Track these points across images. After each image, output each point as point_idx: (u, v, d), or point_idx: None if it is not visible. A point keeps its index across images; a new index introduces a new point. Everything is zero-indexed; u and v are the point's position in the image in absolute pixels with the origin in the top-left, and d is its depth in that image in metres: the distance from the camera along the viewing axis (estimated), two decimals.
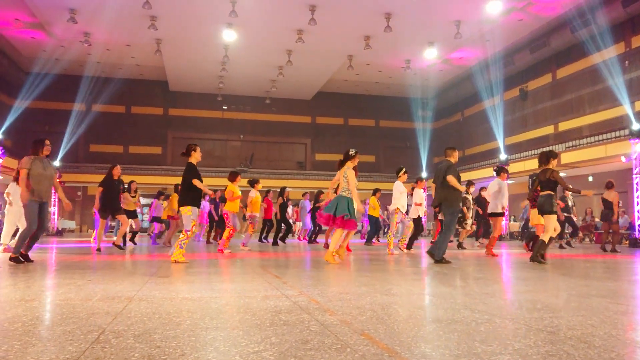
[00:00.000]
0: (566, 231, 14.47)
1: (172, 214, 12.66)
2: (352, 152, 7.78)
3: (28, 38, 22.27)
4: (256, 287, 4.41)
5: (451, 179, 7.46)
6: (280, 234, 14.22)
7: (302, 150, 33.21)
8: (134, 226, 12.31)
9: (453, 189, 7.53)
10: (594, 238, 18.31)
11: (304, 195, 16.19)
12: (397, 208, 9.83)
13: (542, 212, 7.56)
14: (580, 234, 18.68)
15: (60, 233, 23.82)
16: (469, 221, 12.86)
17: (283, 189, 13.95)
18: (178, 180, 9.97)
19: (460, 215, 12.81)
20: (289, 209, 15.64)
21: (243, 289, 4.27)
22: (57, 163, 25.77)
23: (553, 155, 7.85)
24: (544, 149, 10.34)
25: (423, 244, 14.56)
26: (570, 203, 13.57)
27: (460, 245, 12.27)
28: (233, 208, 10.25)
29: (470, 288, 4.50)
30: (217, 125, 31.53)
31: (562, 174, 21.03)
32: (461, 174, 8.05)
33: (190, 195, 7.15)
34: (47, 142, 7.06)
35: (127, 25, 20.41)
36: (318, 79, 28.11)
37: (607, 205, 11.89)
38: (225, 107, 31.57)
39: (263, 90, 29.75)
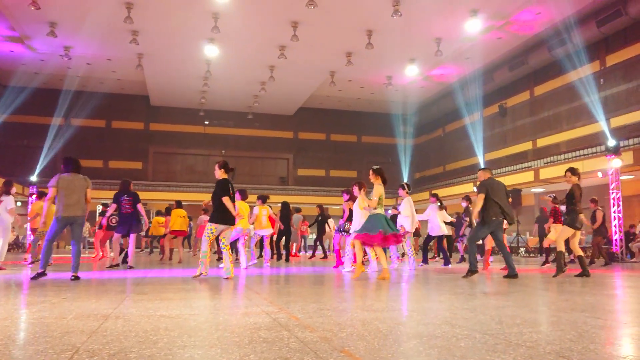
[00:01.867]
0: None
1: (184, 228, 12.69)
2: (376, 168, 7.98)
3: (7, 51, 22.01)
4: (236, 303, 4.36)
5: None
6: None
7: (284, 166, 33.19)
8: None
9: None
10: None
11: (298, 211, 16.25)
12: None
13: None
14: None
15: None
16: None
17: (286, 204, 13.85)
18: (159, 195, 9.95)
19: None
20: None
21: (222, 306, 4.21)
22: (34, 178, 25.36)
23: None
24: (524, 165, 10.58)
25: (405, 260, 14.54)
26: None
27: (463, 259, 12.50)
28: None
29: (451, 303, 4.50)
30: (199, 141, 31.38)
31: (539, 190, 21.38)
32: (442, 189, 8.21)
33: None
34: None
35: (108, 39, 20.31)
36: (300, 95, 28.23)
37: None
38: (207, 122, 31.47)
39: (245, 106, 29.76)
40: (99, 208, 22.73)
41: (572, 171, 8.06)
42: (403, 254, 14.39)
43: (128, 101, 29.87)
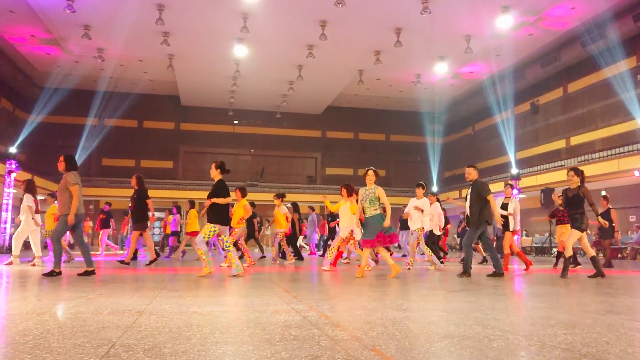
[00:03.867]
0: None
1: (195, 229, 12.83)
2: (363, 172, 7.94)
3: (43, 54, 22.63)
4: (266, 301, 4.39)
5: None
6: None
7: (312, 165, 33.26)
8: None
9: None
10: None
11: (312, 209, 16.29)
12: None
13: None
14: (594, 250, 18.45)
15: (72, 247, 23.91)
16: None
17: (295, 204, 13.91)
18: (189, 194, 10.08)
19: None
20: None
21: (253, 303, 4.25)
22: None
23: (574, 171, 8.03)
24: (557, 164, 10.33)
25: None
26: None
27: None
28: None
29: (482, 303, 4.44)
30: (228, 140, 31.71)
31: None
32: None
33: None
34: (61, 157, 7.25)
35: (140, 41, 20.70)
36: (328, 94, 28.23)
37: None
38: (236, 122, 31.77)
39: (274, 105, 29.92)
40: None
41: (576, 171, 7.87)
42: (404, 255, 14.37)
43: (159, 101, 30.40)
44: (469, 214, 7.90)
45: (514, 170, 22.76)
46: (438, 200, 11.07)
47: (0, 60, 22.44)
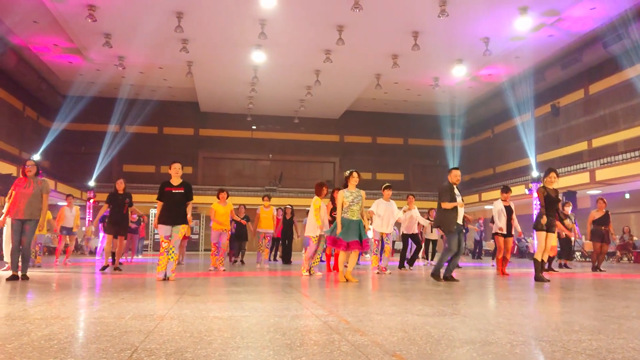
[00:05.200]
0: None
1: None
2: (346, 173, 7.91)
3: (65, 62, 23.07)
4: (286, 306, 4.40)
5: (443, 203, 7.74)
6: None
7: (330, 169, 33.27)
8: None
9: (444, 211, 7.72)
10: (633, 257, 17.71)
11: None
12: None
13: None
14: (618, 253, 18.12)
15: (92, 252, 24.26)
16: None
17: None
18: (209, 199, 10.12)
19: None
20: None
21: (273, 308, 4.26)
22: (92, 183, 26.45)
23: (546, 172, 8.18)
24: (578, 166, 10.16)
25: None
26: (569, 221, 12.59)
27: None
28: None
29: (504, 308, 4.39)
30: (246, 145, 31.91)
31: (597, 191, 20.54)
32: (492, 192, 8.07)
33: None
34: (29, 162, 7.52)
35: (159, 48, 20.99)
36: (346, 98, 28.25)
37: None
38: (254, 127, 31.96)
39: (292, 110, 30.04)
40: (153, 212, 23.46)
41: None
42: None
43: (178, 108, 30.74)
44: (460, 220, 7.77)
45: (535, 173, 22.46)
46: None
47: (25, 69, 22.96)
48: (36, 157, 20.50)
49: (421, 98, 28.11)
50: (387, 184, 9.82)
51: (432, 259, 13.48)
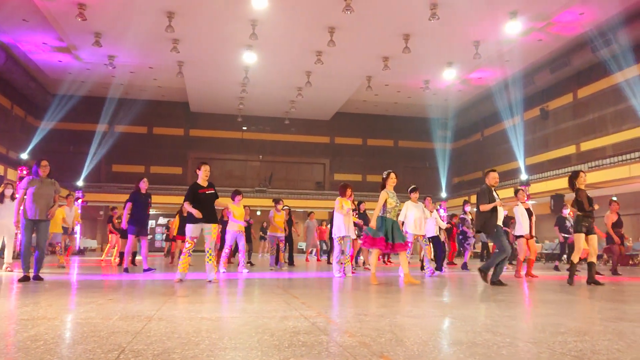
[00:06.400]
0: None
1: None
2: (384, 174, 7.96)
3: (55, 61, 22.87)
4: (274, 307, 4.40)
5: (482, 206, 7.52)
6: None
7: (320, 171, 33.26)
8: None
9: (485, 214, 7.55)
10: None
11: (309, 215, 16.39)
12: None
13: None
14: (605, 256, 18.25)
15: (82, 252, 24.12)
16: (472, 241, 12.80)
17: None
18: None
19: (462, 236, 12.85)
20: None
21: (261, 310, 4.26)
22: (80, 183, 26.26)
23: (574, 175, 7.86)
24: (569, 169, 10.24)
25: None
26: (568, 224, 12.63)
27: (465, 266, 12.18)
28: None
29: (492, 310, 4.42)
30: (236, 146, 31.80)
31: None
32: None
33: None
34: (44, 162, 7.30)
35: (150, 48, 20.87)
36: (337, 100, 28.27)
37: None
38: (245, 128, 31.87)
39: (282, 111, 30.00)
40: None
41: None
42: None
43: (169, 108, 30.57)
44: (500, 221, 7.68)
45: (524, 176, 22.62)
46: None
47: (13, 68, 22.72)
48: (24, 156, 20.26)
49: (411, 100, 28.21)
50: (413, 186, 9.71)
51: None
